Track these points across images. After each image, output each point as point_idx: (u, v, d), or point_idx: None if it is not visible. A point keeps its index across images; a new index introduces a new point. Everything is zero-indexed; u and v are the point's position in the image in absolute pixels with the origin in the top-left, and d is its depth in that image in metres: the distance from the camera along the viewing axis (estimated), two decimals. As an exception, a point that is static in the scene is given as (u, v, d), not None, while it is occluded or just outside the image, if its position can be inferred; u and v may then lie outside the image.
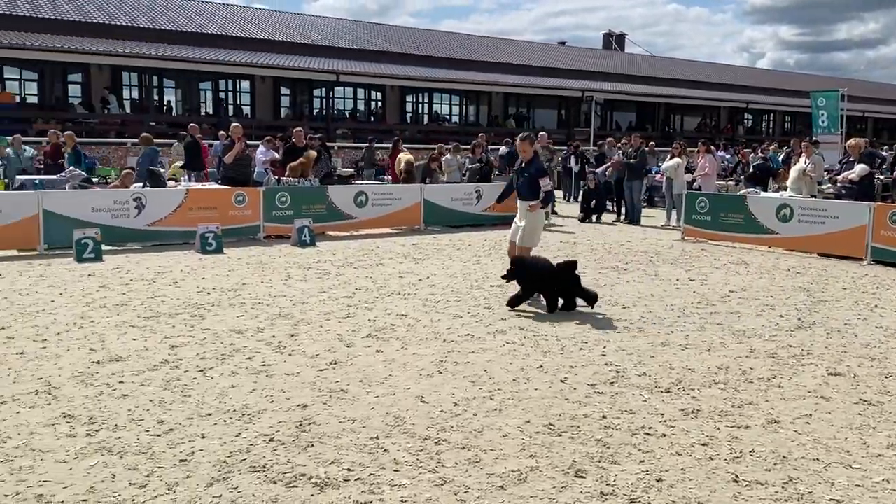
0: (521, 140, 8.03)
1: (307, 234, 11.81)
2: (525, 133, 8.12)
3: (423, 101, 34.69)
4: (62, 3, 27.11)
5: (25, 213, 10.39)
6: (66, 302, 7.54)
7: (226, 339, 6.29)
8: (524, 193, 7.96)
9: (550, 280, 7.47)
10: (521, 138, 8.03)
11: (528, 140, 7.99)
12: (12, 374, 5.26)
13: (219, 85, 29.68)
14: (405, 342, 6.31)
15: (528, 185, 7.88)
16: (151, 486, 3.64)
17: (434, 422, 4.58)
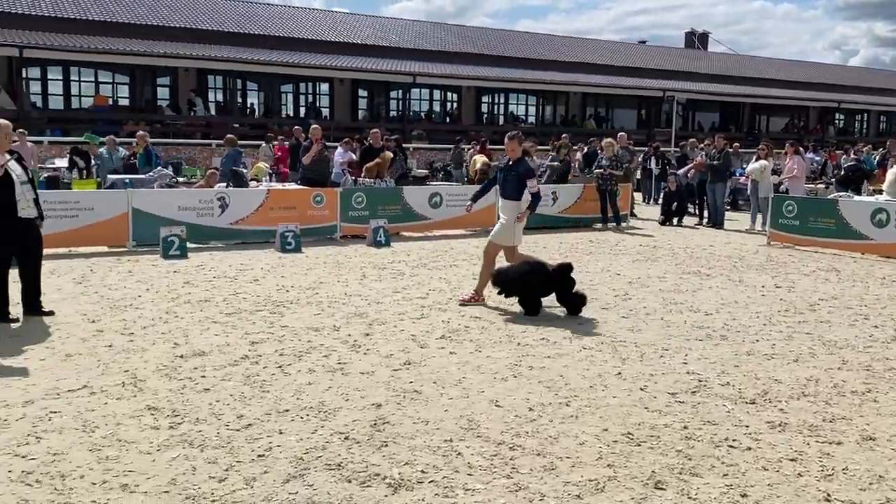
0: (509, 139, 7.93)
1: (382, 235, 11.91)
2: (513, 132, 8.05)
3: (498, 102, 34.60)
4: (152, 9, 28.26)
5: (116, 212, 10.83)
6: (152, 297, 7.81)
7: (303, 337, 6.38)
8: (509, 192, 7.85)
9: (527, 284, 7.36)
10: (510, 137, 7.93)
11: (517, 139, 7.91)
12: (101, 366, 5.47)
13: (299, 87, 30.35)
14: (479, 345, 6.26)
15: (514, 183, 7.78)
16: (230, 481, 3.71)
17: (508, 426, 4.51)
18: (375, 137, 14.36)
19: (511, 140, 7.82)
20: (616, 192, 14.69)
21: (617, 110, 36.10)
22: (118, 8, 27.49)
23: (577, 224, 14.82)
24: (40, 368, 5.38)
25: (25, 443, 4.08)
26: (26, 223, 6.70)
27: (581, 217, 14.94)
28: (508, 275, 7.42)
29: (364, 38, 31.65)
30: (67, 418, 4.45)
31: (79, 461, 3.87)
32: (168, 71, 26.75)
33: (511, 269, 7.55)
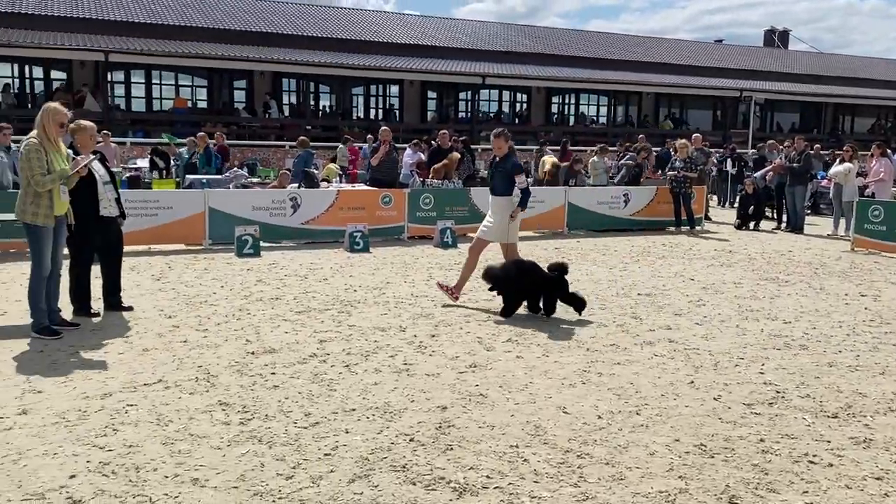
0: (495, 137, 7.89)
1: (449, 236, 11.91)
2: (499, 130, 7.98)
3: (569, 103, 34.25)
4: (229, 14, 29.09)
5: (193, 210, 11.16)
6: (226, 294, 8.00)
7: (370, 336, 6.42)
8: (498, 189, 7.75)
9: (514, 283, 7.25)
10: (496, 135, 7.88)
11: (503, 136, 7.86)
12: (176, 361, 5.62)
13: (370, 89, 30.73)
14: (546, 349, 6.17)
15: (503, 179, 7.69)
16: (297, 479, 3.74)
17: (576, 434, 4.42)
18: (444, 138, 14.38)
19: (497, 138, 7.83)
20: (690, 194, 14.31)
21: (691, 111, 35.24)
22: (197, 13, 28.41)
23: (649, 227, 14.51)
24: (118, 362, 5.57)
25: (103, 434, 4.22)
26: (108, 221, 6.95)
27: (653, 220, 14.62)
28: (494, 270, 7.36)
29: (434, 40, 31.81)
30: (143, 411, 4.58)
31: (152, 454, 3.97)
32: (244, 74, 27.49)
33: (498, 266, 7.46)
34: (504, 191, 7.72)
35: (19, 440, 4.10)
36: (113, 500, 3.47)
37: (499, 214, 7.77)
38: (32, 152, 5.93)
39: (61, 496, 3.50)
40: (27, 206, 6.01)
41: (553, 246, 12.22)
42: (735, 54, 39.64)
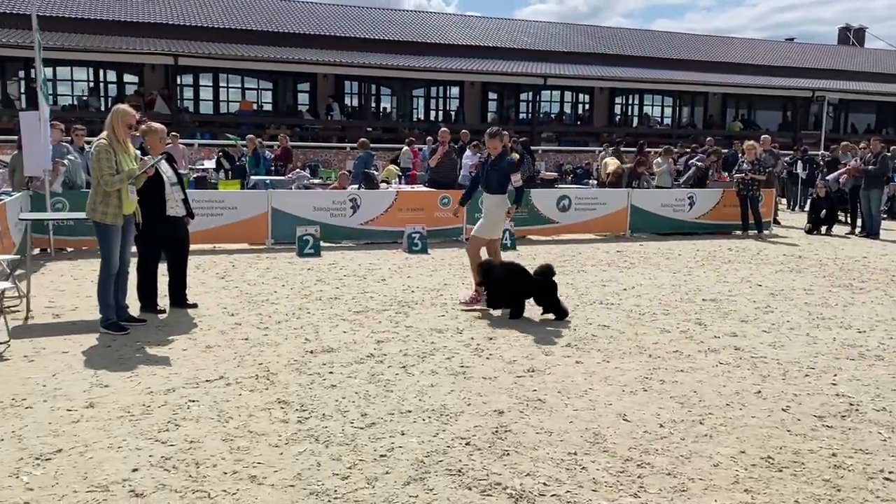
0: (490, 137, 7.85)
1: (508, 238, 11.82)
2: (494, 129, 7.94)
3: (632, 103, 33.71)
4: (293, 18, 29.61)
5: (257, 211, 11.37)
6: (287, 293, 8.11)
7: (427, 338, 6.40)
8: (494, 188, 7.75)
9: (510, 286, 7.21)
10: (491, 135, 7.84)
11: (499, 136, 7.82)
12: (237, 359, 5.71)
13: (430, 91, 30.85)
14: (607, 355, 6.04)
15: (499, 179, 7.71)
16: (353, 479, 3.74)
17: (637, 442, 4.30)
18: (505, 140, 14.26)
19: (493, 138, 7.80)
20: (758, 197, 13.87)
21: (760, 112, 34.27)
22: (264, 17, 29.02)
23: (714, 231, 14.13)
24: (182, 358, 5.68)
25: (165, 429, 4.30)
26: (174, 221, 7.12)
27: (719, 223, 14.22)
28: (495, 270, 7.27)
29: (495, 41, 31.73)
30: (204, 407, 4.66)
31: (212, 450, 4.03)
32: (308, 77, 27.95)
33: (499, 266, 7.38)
34: (499, 189, 7.76)
35: (86, 433, 4.22)
36: (173, 495, 3.52)
37: (492, 211, 7.78)
38: (102, 153, 6.12)
39: (124, 489, 3.57)
40: (97, 204, 6.20)
41: (615, 249, 12.01)
42: (807, 53, 38.35)
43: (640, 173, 15.20)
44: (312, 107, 28.19)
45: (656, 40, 36.42)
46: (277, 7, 30.97)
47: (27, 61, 23.79)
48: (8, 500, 3.44)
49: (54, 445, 4.04)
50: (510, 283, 7.22)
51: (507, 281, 7.21)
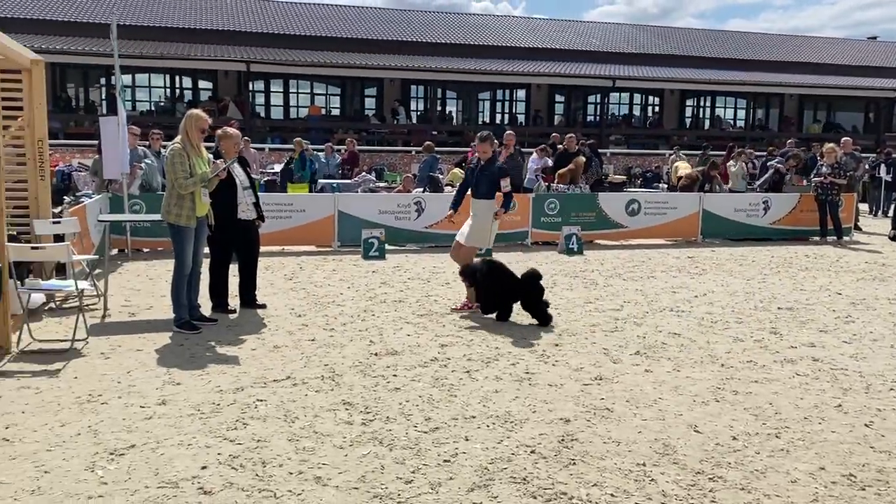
0: (480, 140, 7.74)
1: (575, 242, 11.66)
2: (485, 133, 7.81)
3: (704, 105, 32.88)
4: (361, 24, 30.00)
5: (324, 214, 11.54)
6: (352, 295, 8.18)
7: (491, 343, 6.34)
8: (483, 192, 7.65)
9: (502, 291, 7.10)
10: (482, 139, 7.73)
11: (489, 141, 7.69)
12: (304, 359, 5.78)
13: (496, 94, 30.78)
14: (677, 363, 5.86)
15: (488, 184, 7.62)
16: (416, 483, 3.71)
17: (708, 455, 4.15)
18: (570, 142, 14.11)
19: (483, 142, 7.70)
20: (838, 202, 13.31)
21: (840, 113, 32.94)
22: (331, 24, 29.51)
23: (790, 237, 13.63)
24: (251, 358, 5.78)
25: (234, 428, 4.37)
26: (245, 224, 7.27)
27: (796, 229, 13.71)
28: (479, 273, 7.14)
29: (563, 44, 31.44)
30: (271, 407, 4.72)
31: (279, 450, 4.07)
32: (375, 82, 28.27)
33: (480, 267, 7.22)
34: (487, 194, 7.66)
35: (158, 429, 4.32)
36: (240, 494, 3.57)
37: (480, 217, 7.66)
38: (176, 156, 6.29)
39: (193, 486, 3.64)
40: (171, 207, 6.38)
41: (686, 255, 11.70)
42: (891, 52, 36.67)
43: (712, 176, 14.78)
44: (379, 111, 28.49)
45: (729, 40, 35.43)
46: (345, 13, 31.45)
47: (108, 69, 24.77)
48: (83, 493, 3.55)
49: (128, 441, 4.15)
50: (495, 285, 7.11)
51: (492, 282, 7.10)
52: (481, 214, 7.69)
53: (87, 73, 26.14)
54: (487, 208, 7.67)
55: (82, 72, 25.99)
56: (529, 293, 7.10)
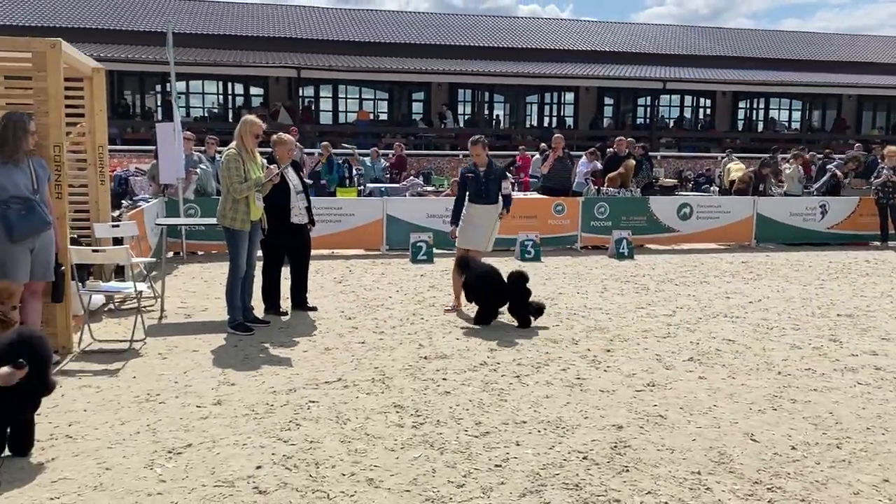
0: (472, 144, 7.68)
1: (625, 246, 11.53)
2: (476, 137, 7.74)
3: (757, 107, 32.19)
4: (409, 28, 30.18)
5: (372, 218, 11.63)
6: (401, 299, 8.22)
7: (541, 348, 6.30)
8: (493, 197, 7.65)
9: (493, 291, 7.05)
10: (473, 142, 7.67)
11: (481, 143, 7.62)
12: (354, 361, 5.83)
13: (544, 97, 30.65)
14: (732, 370, 5.74)
15: (496, 187, 7.64)
16: (468, 488, 3.71)
17: (766, 464, 4.05)
18: (620, 145, 13.95)
19: (475, 145, 7.64)
20: (900, 206, 12.89)
21: (901, 114, 31.91)
22: (379, 29, 29.77)
23: (849, 241, 13.25)
24: (303, 359, 5.86)
25: (287, 428, 4.43)
26: (297, 227, 7.37)
27: (855, 234, 13.32)
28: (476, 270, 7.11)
29: (611, 46, 31.14)
30: (323, 409, 4.77)
31: (331, 451, 4.11)
32: (423, 86, 28.41)
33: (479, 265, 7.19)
34: (496, 198, 7.65)
35: (214, 429, 4.41)
36: (294, 494, 3.61)
37: (489, 221, 7.63)
38: (231, 161, 6.41)
39: (248, 485, 3.70)
40: (226, 211, 6.50)
41: (739, 260, 11.46)
42: (955, 50, 35.37)
43: (764, 175, 14.43)
44: (426, 115, 28.61)
45: (783, 40, 34.64)
46: (393, 19, 31.71)
47: (163, 76, 25.43)
48: (143, 490, 3.64)
49: (185, 440, 4.24)
50: (482, 287, 7.06)
51: (479, 284, 7.06)
52: (491, 219, 7.69)
53: (143, 80, 26.86)
54: (495, 212, 7.69)
55: (138, 79, 26.71)
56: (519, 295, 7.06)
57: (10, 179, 5.19)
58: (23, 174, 5.28)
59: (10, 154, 5.22)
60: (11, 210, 5.18)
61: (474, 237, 7.70)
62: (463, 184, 7.80)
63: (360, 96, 29.18)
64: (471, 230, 7.72)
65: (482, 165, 7.70)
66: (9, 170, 5.22)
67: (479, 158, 7.71)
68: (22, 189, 5.24)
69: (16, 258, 5.25)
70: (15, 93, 6.17)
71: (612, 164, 13.57)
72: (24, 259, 5.31)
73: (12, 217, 5.18)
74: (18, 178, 5.24)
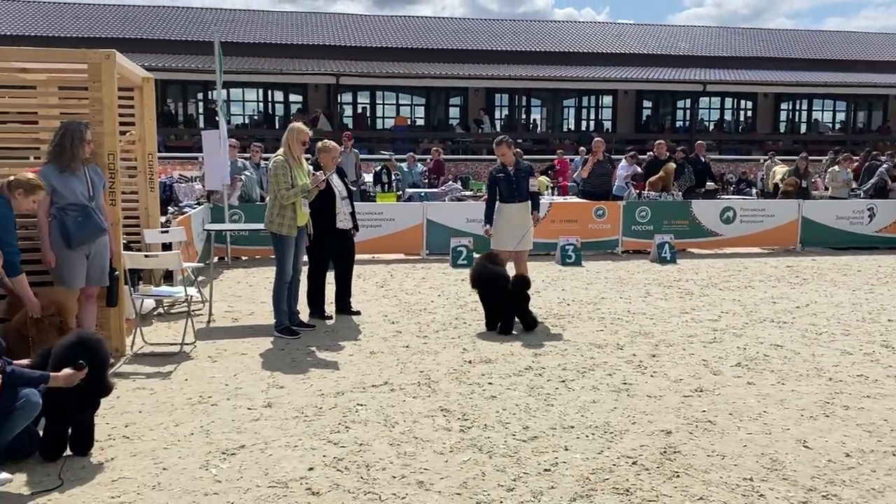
0: (497, 145, 7.71)
1: (668, 251, 11.41)
2: (500, 137, 7.74)
3: (800, 109, 31.62)
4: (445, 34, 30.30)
5: (412, 222, 11.70)
6: (443, 303, 8.26)
7: (586, 353, 6.28)
8: (524, 194, 7.69)
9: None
10: (498, 143, 7.71)
11: (506, 143, 7.70)
12: (399, 365, 5.88)
13: (581, 101, 30.50)
14: (782, 376, 5.66)
15: (527, 183, 7.68)
16: (518, 491, 3.72)
17: (820, 471, 3.99)
18: (660, 149, 13.84)
19: (500, 145, 7.66)
20: (951, 208, 12.55)
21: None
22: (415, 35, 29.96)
23: (899, 245, 12.96)
24: (349, 363, 5.93)
25: (336, 431, 4.49)
26: (342, 233, 7.46)
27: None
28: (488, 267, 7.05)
29: (650, 48, 30.90)
30: (371, 412, 4.82)
31: (381, 454, 4.16)
32: (460, 91, 28.49)
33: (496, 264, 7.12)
34: (527, 195, 7.69)
35: (265, 431, 4.49)
36: (346, 496, 3.66)
37: (525, 220, 7.69)
38: (279, 168, 6.52)
39: (301, 486, 3.76)
40: (274, 217, 6.61)
41: (785, 264, 11.27)
42: None
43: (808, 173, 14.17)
44: (463, 120, 28.68)
45: (827, 40, 33.99)
46: (429, 25, 31.87)
47: (205, 84, 25.93)
48: (199, 489, 3.72)
49: (238, 441, 4.32)
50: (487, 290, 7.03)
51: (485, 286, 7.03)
52: (524, 216, 7.73)
53: (185, 88, 27.39)
54: (527, 209, 7.74)
55: (181, 87, 27.24)
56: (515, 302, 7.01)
57: (67, 187, 5.36)
58: (80, 182, 5.44)
59: (68, 162, 5.39)
60: (69, 217, 5.34)
61: (511, 238, 7.71)
62: (493, 185, 7.85)
63: (397, 102, 29.37)
64: (508, 231, 7.74)
65: (510, 164, 7.74)
66: (66, 178, 5.38)
67: (506, 158, 7.76)
68: (79, 196, 5.40)
69: (73, 264, 5.42)
70: (69, 102, 6.37)
71: (653, 168, 13.47)
72: (81, 265, 5.47)
73: (70, 224, 5.34)
74: (75, 186, 5.41)
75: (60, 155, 5.39)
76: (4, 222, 4.87)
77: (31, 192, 5.00)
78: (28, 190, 4.97)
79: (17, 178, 5.00)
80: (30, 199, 5.02)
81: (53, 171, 5.37)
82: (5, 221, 4.87)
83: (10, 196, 4.95)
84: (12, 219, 4.99)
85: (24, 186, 4.96)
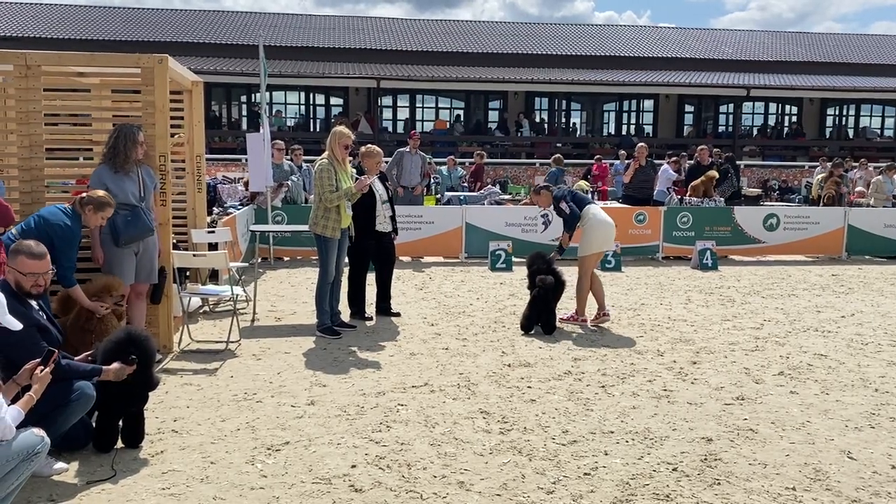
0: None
1: (709, 257, 11.30)
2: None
3: (847, 115, 30.92)
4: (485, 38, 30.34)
5: (451, 225, 11.77)
6: (481, 306, 8.30)
7: (626, 359, 6.27)
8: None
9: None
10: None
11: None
12: (439, 367, 5.94)
13: (622, 105, 30.26)
14: (825, 386, 5.58)
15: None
16: (557, 494, 3.75)
17: (865, 483, 3.94)
18: (703, 154, 13.69)
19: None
20: None
21: None
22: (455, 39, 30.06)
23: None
24: (389, 364, 6.01)
25: (378, 430, 4.56)
26: (381, 235, 7.56)
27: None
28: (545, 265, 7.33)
29: (692, 52, 30.55)
30: (412, 412, 4.89)
31: (422, 453, 4.22)
32: (499, 95, 28.49)
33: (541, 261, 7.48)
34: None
35: (309, 428, 4.58)
36: (388, 493, 3.73)
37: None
38: (324, 171, 6.64)
39: (344, 483, 3.84)
40: (318, 219, 6.73)
41: (829, 272, 11.08)
42: None
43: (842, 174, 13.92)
44: (502, 124, 28.68)
45: (875, 44, 33.23)
46: (469, 28, 31.96)
47: (249, 87, 26.36)
48: (246, 484, 3.82)
49: (282, 438, 4.42)
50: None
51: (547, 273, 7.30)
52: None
53: (229, 91, 27.85)
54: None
55: (225, 90, 27.72)
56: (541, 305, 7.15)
57: (119, 187, 5.54)
58: (132, 183, 5.62)
59: (122, 164, 5.57)
60: (119, 216, 5.51)
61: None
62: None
63: (436, 105, 29.49)
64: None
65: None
66: (119, 178, 5.57)
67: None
68: (130, 197, 5.58)
69: (121, 261, 5.60)
70: (122, 105, 6.57)
71: (695, 174, 13.34)
72: (130, 262, 5.65)
73: (119, 223, 5.52)
74: (127, 187, 5.59)
75: (114, 156, 5.58)
76: (70, 237, 5.05)
77: (101, 210, 5.19)
78: (98, 207, 5.17)
79: (89, 195, 5.21)
80: (99, 216, 5.21)
81: (107, 171, 5.56)
82: (71, 236, 5.05)
83: (81, 212, 5.14)
84: (79, 235, 5.19)
85: (95, 203, 5.16)
